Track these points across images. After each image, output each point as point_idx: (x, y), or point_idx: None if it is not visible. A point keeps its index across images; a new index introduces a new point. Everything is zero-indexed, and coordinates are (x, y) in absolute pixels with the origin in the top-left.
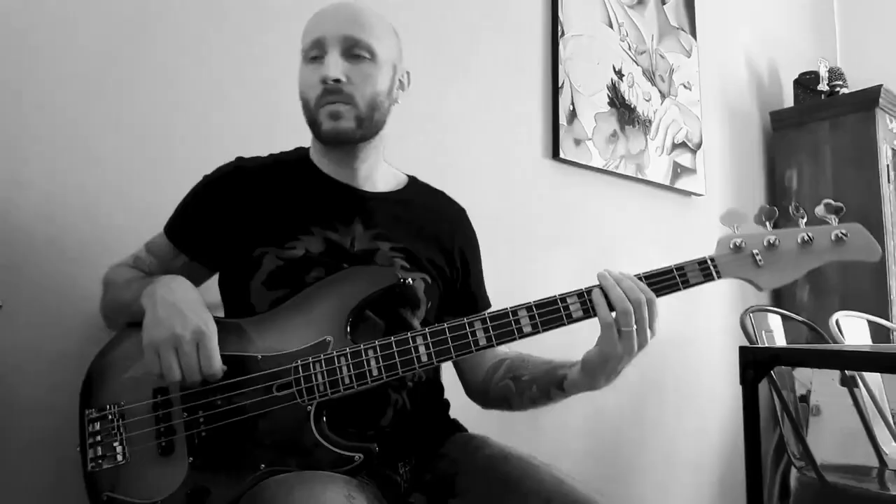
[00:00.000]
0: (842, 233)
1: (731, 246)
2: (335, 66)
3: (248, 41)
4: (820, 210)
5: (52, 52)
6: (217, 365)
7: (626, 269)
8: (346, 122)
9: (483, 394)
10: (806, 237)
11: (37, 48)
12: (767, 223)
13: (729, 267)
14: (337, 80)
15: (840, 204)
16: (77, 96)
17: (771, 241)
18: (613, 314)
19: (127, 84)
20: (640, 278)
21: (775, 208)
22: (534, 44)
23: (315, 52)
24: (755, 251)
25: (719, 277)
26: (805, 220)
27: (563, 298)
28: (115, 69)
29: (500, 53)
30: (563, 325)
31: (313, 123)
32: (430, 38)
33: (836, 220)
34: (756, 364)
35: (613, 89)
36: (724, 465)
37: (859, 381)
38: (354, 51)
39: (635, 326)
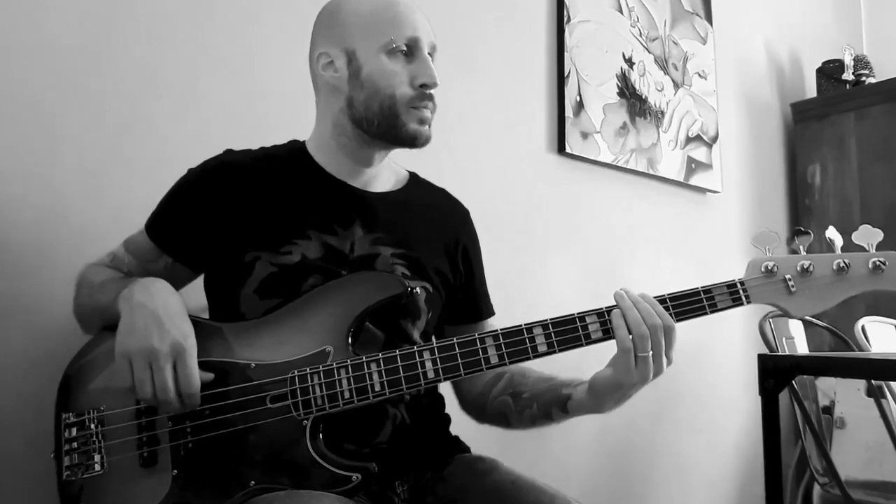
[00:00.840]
0: (880, 261)
1: (763, 269)
2: (434, 70)
3: (235, 34)
4: (857, 235)
5: (23, 43)
6: (196, 385)
7: (636, 271)
8: (429, 129)
9: (479, 408)
10: (842, 264)
11: (6, 39)
12: (801, 247)
13: (759, 292)
14: (435, 86)
15: (878, 230)
16: (49, 91)
17: (805, 267)
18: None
19: (104, 77)
20: (664, 300)
21: (810, 232)
22: (537, 30)
23: (406, 48)
24: (788, 276)
25: (748, 303)
26: (841, 245)
27: (581, 317)
28: (92, 61)
29: (501, 41)
30: (581, 345)
31: (394, 120)
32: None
33: (874, 247)
34: (776, 373)
35: (623, 79)
36: (742, 482)
37: (887, 391)
38: (431, 58)
39: (651, 352)
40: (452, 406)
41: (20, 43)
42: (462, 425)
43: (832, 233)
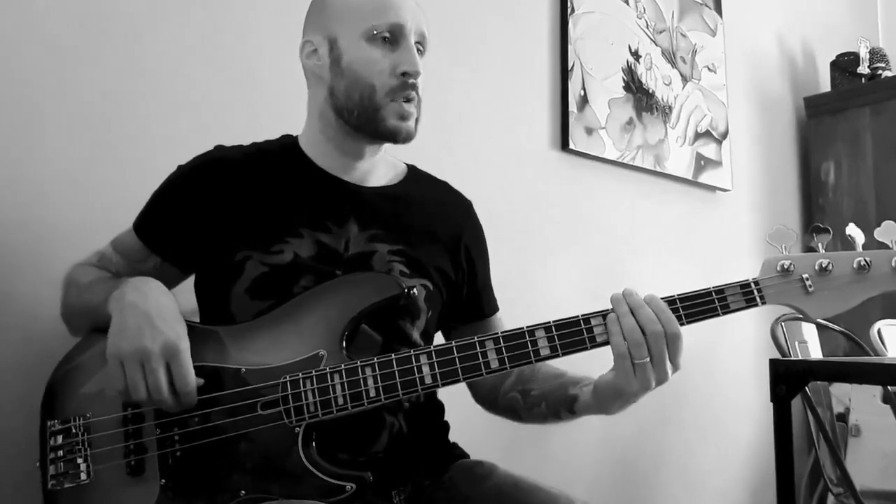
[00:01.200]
0: None
1: (779, 268)
2: (417, 59)
3: (223, 24)
4: (879, 232)
5: (8, 39)
6: (191, 384)
7: (642, 273)
8: (412, 124)
9: (491, 402)
10: (863, 262)
11: None
12: (820, 245)
13: (775, 292)
14: (417, 76)
15: None
16: (36, 89)
17: (823, 265)
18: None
19: (93, 75)
20: (673, 301)
21: (829, 229)
22: (540, 22)
23: (388, 35)
24: (805, 276)
25: (763, 303)
26: (862, 242)
27: (586, 319)
28: (80, 58)
29: (502, 33)
30: (585, 349)
31: (374, 113)
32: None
33: None
34: (788, 378)
35: (629, 72)
36: (753, 491)
37: None
38: (420, 47)
39: (648, 359)
40: (452, 412)
41: (5, 39)
42: (462, 432)
43: (853, 229)
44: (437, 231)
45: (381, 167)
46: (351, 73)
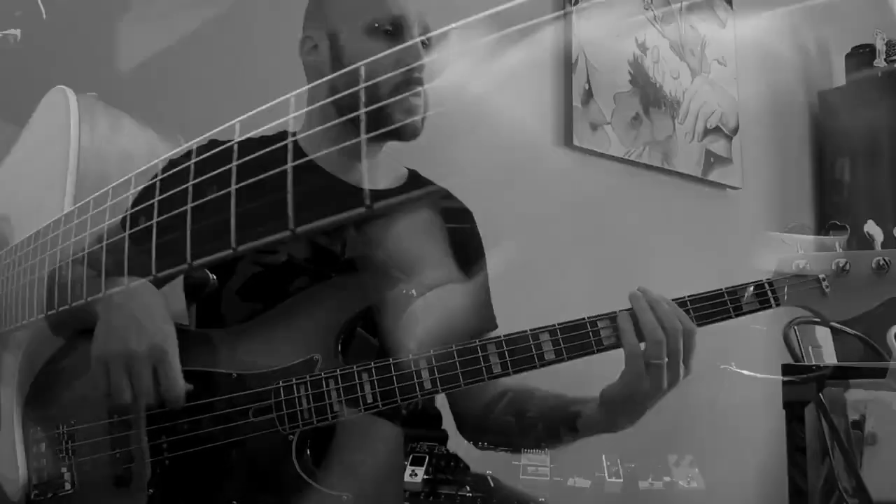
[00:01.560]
0: None
1: (794, 268)
2: (422, 52)
3: (219, 21)
4: None
5: None
6: (179, 389)
7: (649, 274)
8: (419, 120)
9: (478, 430)
10: (882, 262)
11: None
12: (837, 244)
13: (790, 293)
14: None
15: None
16: (20, 84)
17: (841, 265)
18: (642, 345)
19: (83, 69)
20: (684, 302)
21: (847, 226)
22: (543, 13)
23: (391, 28)
24: (822, 276)
25: (778, 305)
26: (881, 240)
27: (592, 322)
28: (71, 53)
29: (503, 25)
30: (593, 352)
31: (378, 111)
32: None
33: None
34: (802, 384)
35: (636, 65)
36: (764, 501)
37: None
38: (426, 40)
39: (667, 360)
40: (449, 419)
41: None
42: (460, 439)
43: (871, 227)
44: (437, 237)
45: (382, 169)
46: (359, 70)
